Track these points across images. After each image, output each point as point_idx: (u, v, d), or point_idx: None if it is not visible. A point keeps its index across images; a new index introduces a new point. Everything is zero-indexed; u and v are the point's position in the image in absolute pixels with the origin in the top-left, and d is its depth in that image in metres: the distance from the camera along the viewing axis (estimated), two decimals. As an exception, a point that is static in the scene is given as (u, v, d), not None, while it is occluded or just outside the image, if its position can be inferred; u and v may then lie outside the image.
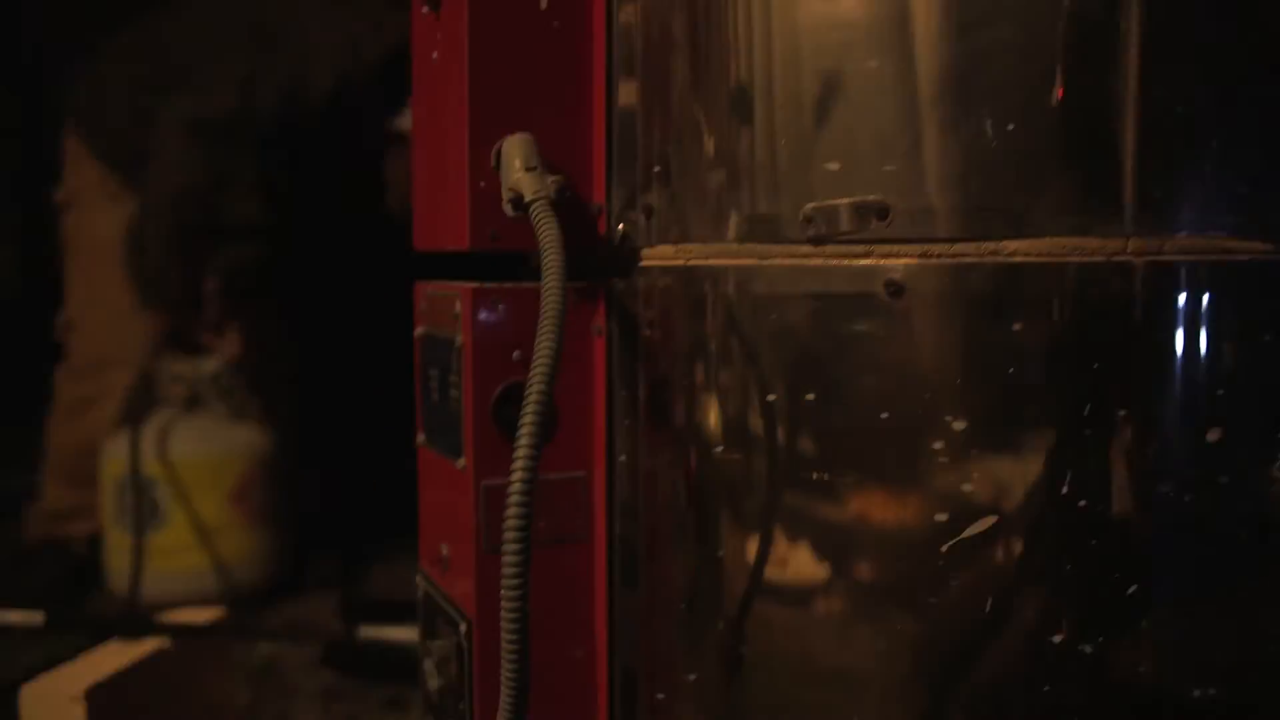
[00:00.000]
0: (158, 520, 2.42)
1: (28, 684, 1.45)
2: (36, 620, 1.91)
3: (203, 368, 2.53)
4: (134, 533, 2.39)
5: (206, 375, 2.53)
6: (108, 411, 2.58)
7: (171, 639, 1.65)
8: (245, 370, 2.58)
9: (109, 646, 1.60)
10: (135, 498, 2.39)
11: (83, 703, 1.41)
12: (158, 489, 2.42)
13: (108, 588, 2.50)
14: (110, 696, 1.47)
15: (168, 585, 2.39)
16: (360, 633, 1.91)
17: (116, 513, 2.45)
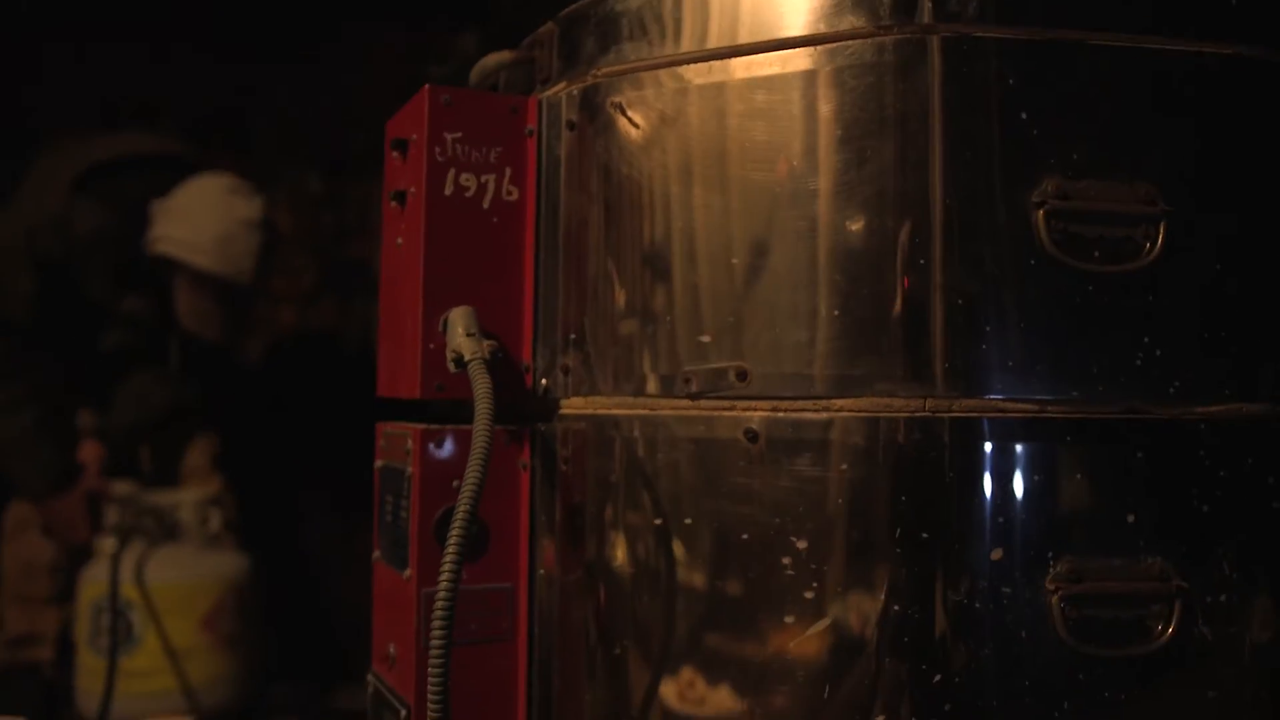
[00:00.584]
0: (131, 643, 2.54)
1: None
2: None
3: (181, 498, 2.69)
4: (108, 655, 2.50)
5: (184, 505, 2.68)
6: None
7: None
8: (222, 500, 2.74)
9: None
10: (112, 620, 2.51)
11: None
12: (133, 612, 2.54)
13: (77, 710, 2.59)
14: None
15: (137, 707, 2.48)
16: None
17: (90, 635, 2.57)
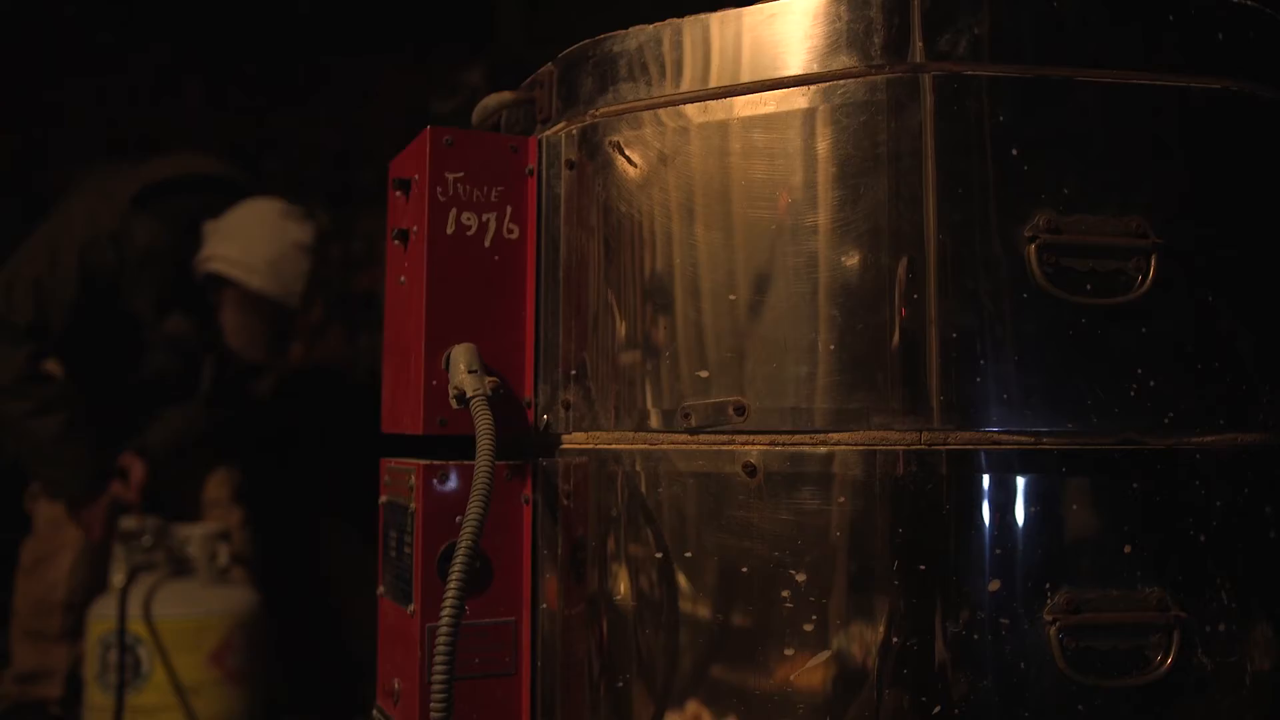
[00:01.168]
0: (140, 679, 2.55)
1: None
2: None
3: (190, 532, 2.70)
4: (116, 692, 2.51)
5: (193, 539, 2.69)
6: (63, 565, 2.73)
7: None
8: (229, 536, 2.75)
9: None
10: (120, 656, 2.52)
11: None
12: (141, 648, 2.55)
13: (85, 748, 2.59)
14: None
15: (145, 744, 2.49)
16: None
17: (99, 671, 2.57)
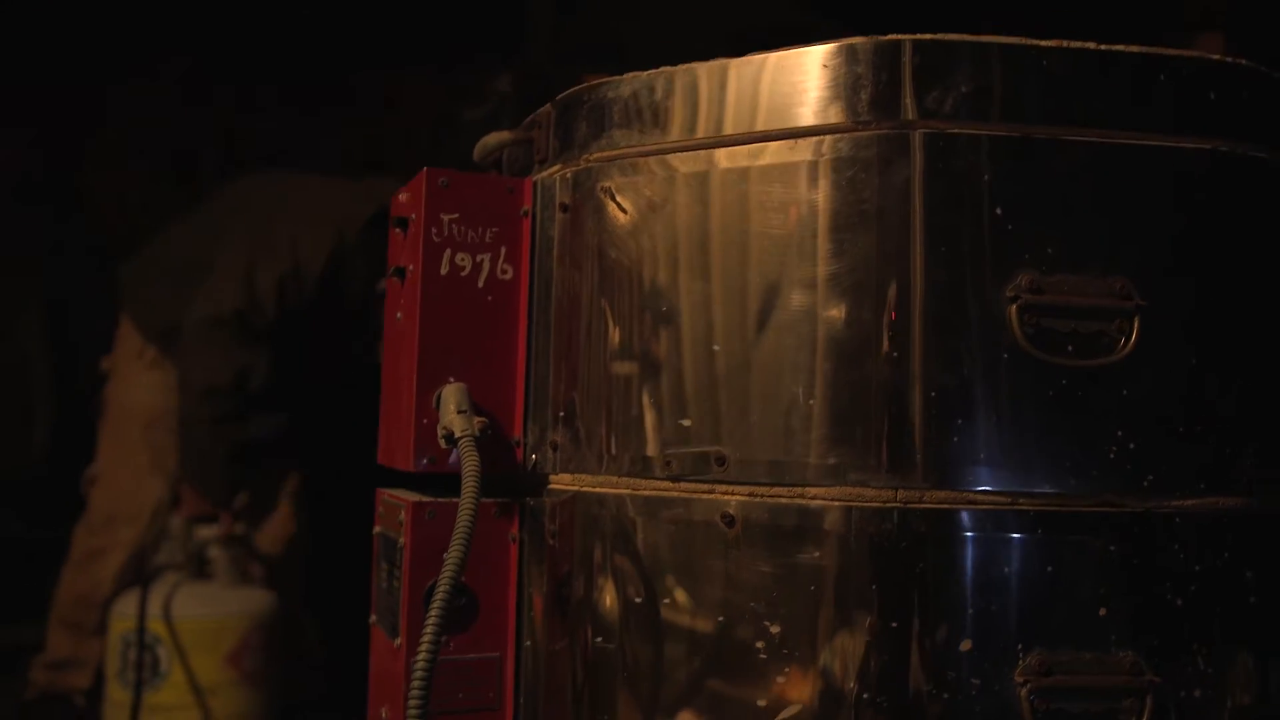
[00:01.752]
0: (158, 678, 2.59)
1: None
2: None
3: (210, 533, 2.75)
4: (134, 690, 2.55)
5: (213, 540, 2.73)
6: (112, 565, 2.78)
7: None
8: (249, 538, 2.79)
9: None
10: (139, 654, 2.57)
11: None
12: (160, 647, 2.60)
13: (106, 742, 2.64)
14: None
15: (163, 742, 2.54)
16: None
17: (119, 668, 2.62)
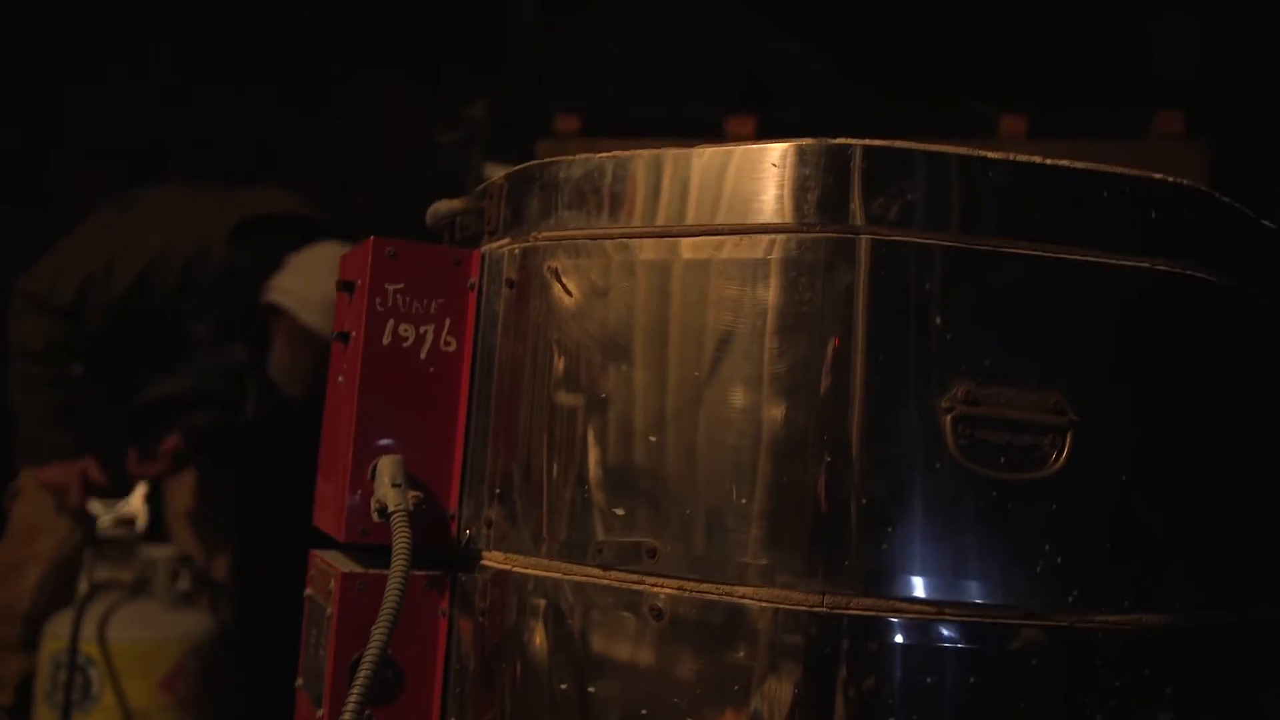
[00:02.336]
0: (89, 701, 2.54)
1: None
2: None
3: (152, 554, 2.70)
4: (61, 711, 2.50)
5: (154, 561, 2.69)
6: (31, 577, 2.74)
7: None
8: (195, 560, 2.76)
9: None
10: (70, 677, 2.52)
11: None
12: (93, 669, 2.55)
13: (30, 766, 2.59)
14: None
15: (90, 766, 2.49)
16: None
17: (49, 690, 2.57)
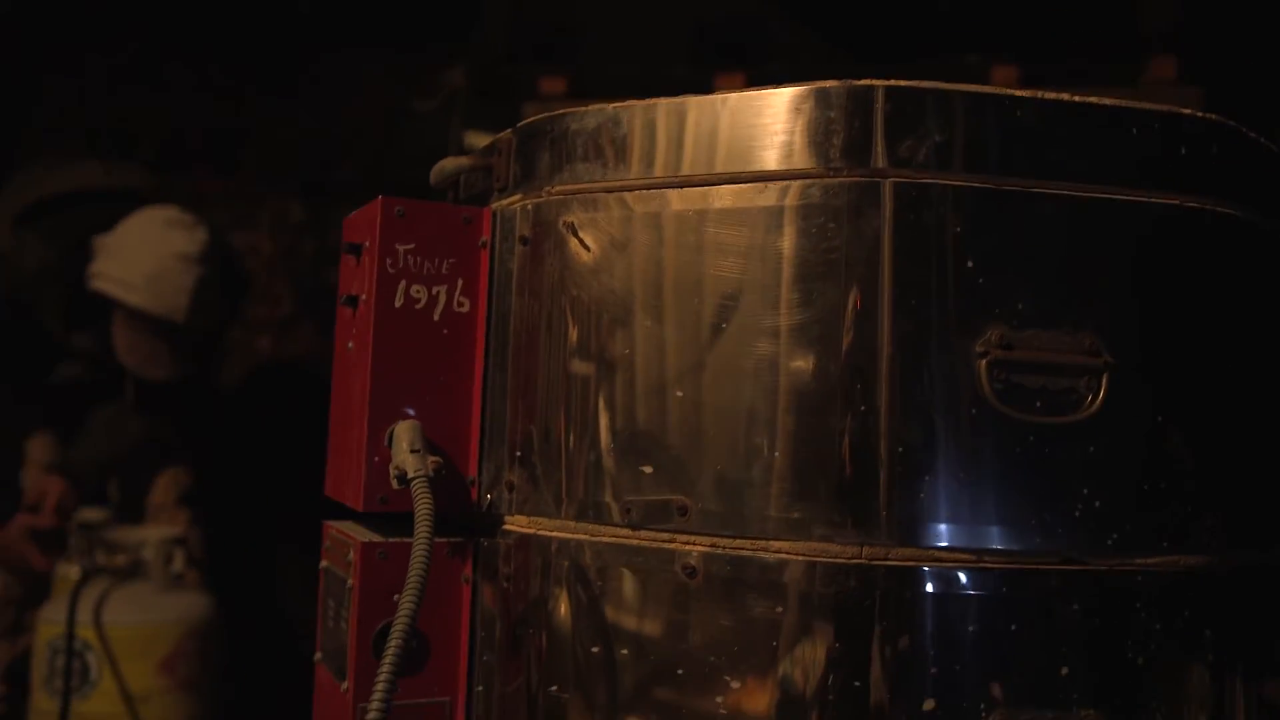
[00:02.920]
0: (88, 686, 2.52)
1: None
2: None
3: (144, 536, 2.67)
4: (62, 698, 2.48)
5: (148, 544, 2.66)
6: None
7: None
8: (182, 540, 2.72)
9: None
10: (68, 662, 2.49)
11: None
12: (90, 654, 2.52)
13: (30, 752, 2.57)
14: None
15: (91, 752, 2.47)
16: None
17: (46, 676, 2.54)
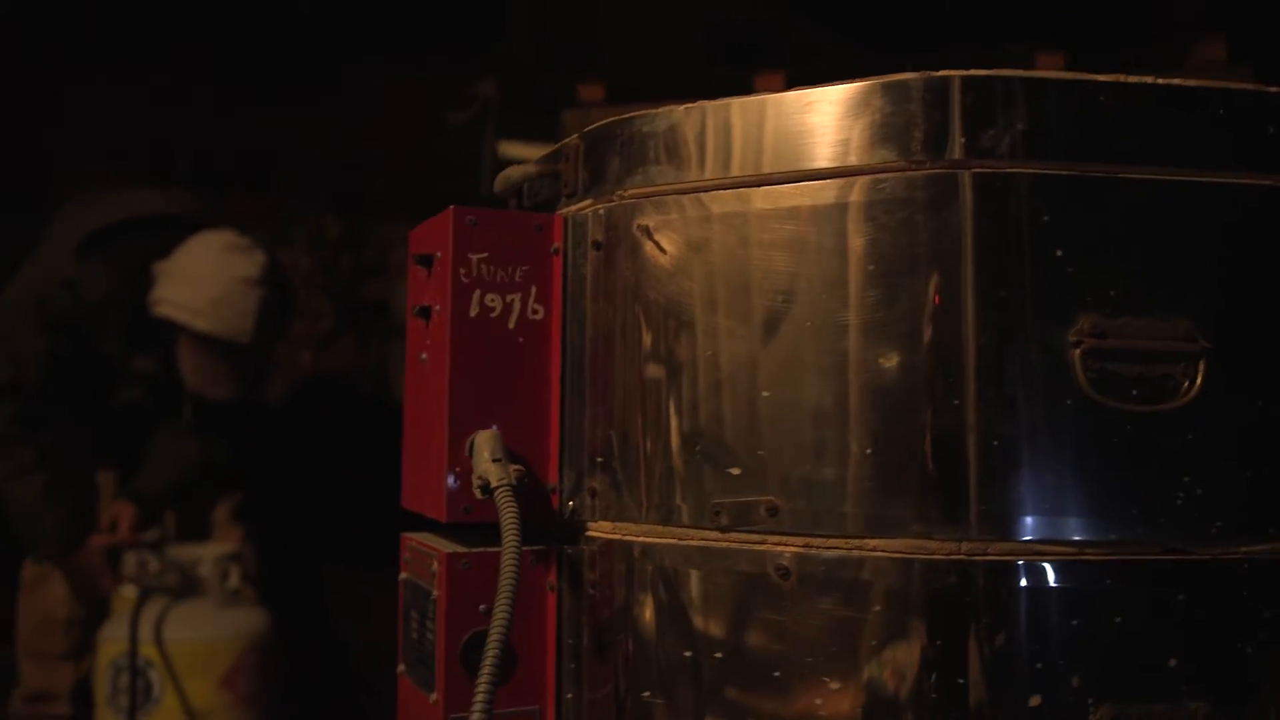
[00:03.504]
0: (150, 703, 2.53)
1: None
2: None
3: (201, 553, 2.69)
4: (128, 716, 2.50)
5: (204, 561, 2.68)
6: (63, 584, 2.72)
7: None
8: (237, 556, 2.74)
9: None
10: (132, 680, 2.51)
11: None
12: (152, 671, 2.54)
13: (98, 770, 2.58)
14: None
15: (157, 768, 2.48)
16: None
17: (110, 694, 2.56)
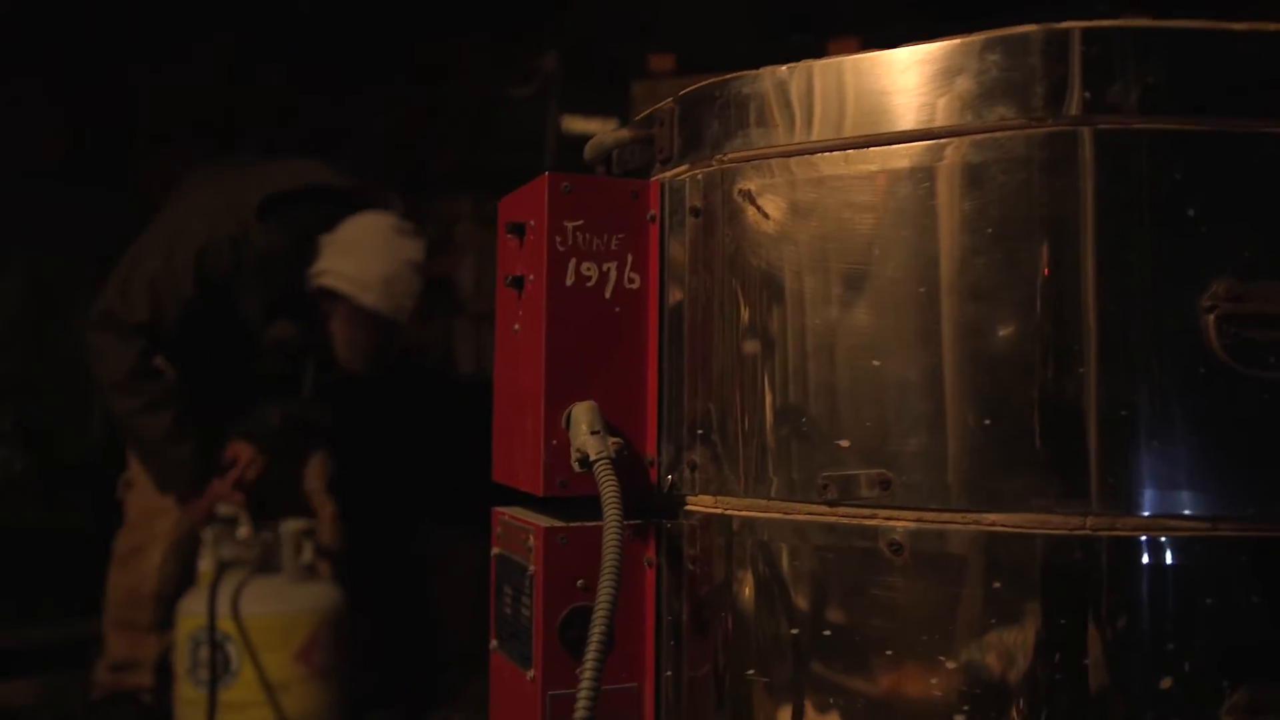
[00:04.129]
0: (229, 675, 2.57)
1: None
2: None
3: (276, 529, 2.71)
4: (207, 688, 2.53)
5: (280, 537, 2.70)
6: (154, 558, 2.78)
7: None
8: (314, 532, 2.76)
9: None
10: (211, 654, 2.54)
11: None
12: (230, 644, 2.57)
13: (177, 740, 2.63)
14: None
15: (235, 739, 2.52)
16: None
17: (189, 667, 2.60)
